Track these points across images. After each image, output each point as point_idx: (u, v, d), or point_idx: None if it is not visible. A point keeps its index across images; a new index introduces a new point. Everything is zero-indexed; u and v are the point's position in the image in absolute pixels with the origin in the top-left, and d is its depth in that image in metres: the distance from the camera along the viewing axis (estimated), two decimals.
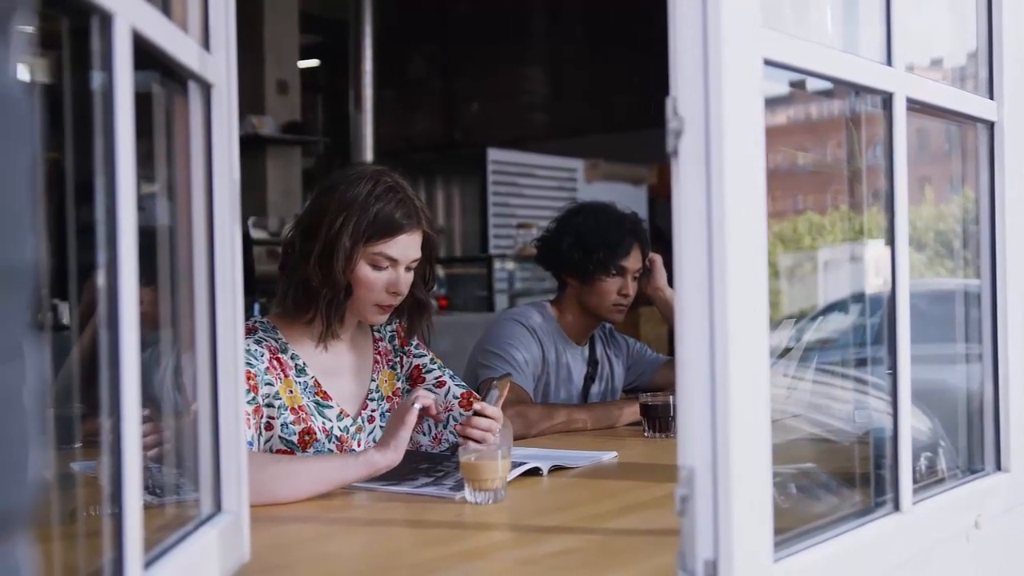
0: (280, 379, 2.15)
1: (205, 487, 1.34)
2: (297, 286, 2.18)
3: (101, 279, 0.99)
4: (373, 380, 2.32)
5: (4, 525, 0.57)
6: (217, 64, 1.33)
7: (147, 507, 1.05)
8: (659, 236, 3.24)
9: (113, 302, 0.98)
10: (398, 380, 2.36)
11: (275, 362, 2.16)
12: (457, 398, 2.32)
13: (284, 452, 2.14)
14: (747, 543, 1.16)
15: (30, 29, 0.64)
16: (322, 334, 2.21)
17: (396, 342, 2.39)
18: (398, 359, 2.38)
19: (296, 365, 2.20)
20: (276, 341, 2.20)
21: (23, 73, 0.62)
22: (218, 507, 1.35)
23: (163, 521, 1.31)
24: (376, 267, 2.17)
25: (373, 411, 2.30)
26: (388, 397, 2.33)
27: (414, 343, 2.41)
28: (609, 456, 2.33)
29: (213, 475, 1.35)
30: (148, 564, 1.07)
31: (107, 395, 0.99)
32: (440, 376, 2.37)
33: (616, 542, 1.63)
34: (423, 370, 2.37)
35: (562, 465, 2.19)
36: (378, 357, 2.35)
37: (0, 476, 0.57)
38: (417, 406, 1.96)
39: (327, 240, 2.13)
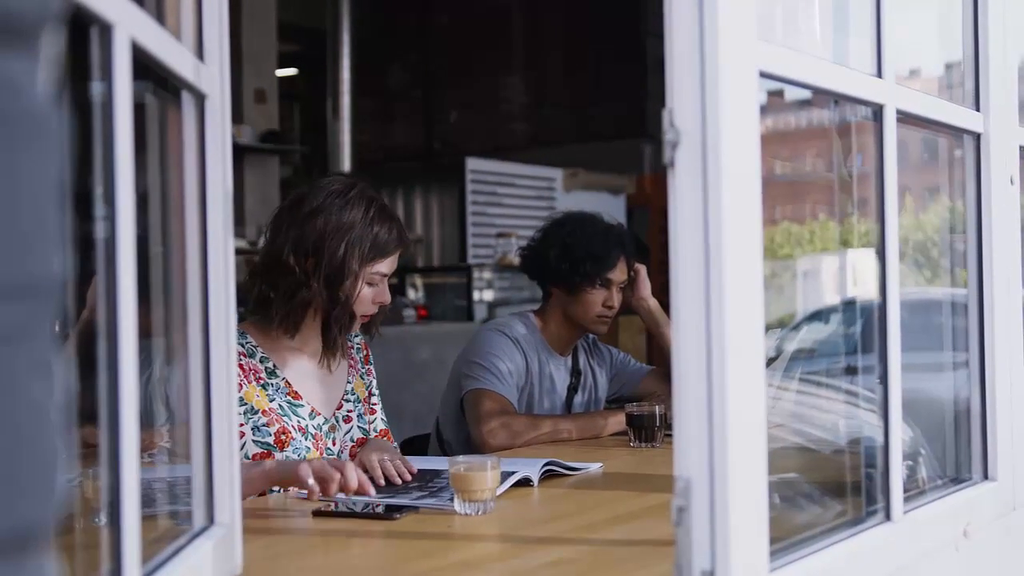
0: (245, 384, 2.21)
1: (198, 500, 1.33)
2: (298, 308, 2.24)
3: (100, 289, 0.98)
4: (349, 382, 2.41)
5: (34, 538, 0.57)
6: (211, 74, 1.32)
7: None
8: (639, 245, 3.24)
9: (112, 312, 0.97)
10: (366, 389, 2.47)
11: (238, 368, 2.20)
12: (377, 432, 2.44)
13: (261, 455, 2.18)
14: (744, 553, 1.16)
15: (57, 45, 0.64)
16: (326, 353, 2.31)
17: (361, 355, 2.49)
18: (365, 370, 2.49)
19: (266, 368, 2.26)
20: (243, 346, 2.25)
21: (50, 87, 0.62)
22: (211, 520, 1.34)
23: (156, 534, 1.30)
24: (371, 284, 2.28)
25: (349, 411, 2.39)
26: (364, 400, 2.44)
27: (371, 363, 2.52)
28: (595, 467, 2.33)
29: (206, 487, 1.34)
30: None
31: (105, 407, 0.98)
32: (375, 404, 2.50)
33: (609, 552, 1.63)
34: (371, 391, 2.50)
35: (553, 469, 2.20)
36: (352, 362, 2.45)
37: (30, 490, 0.57)
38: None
39: (333, 265, 2.21)
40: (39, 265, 0.57)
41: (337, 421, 2.35)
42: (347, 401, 2.39)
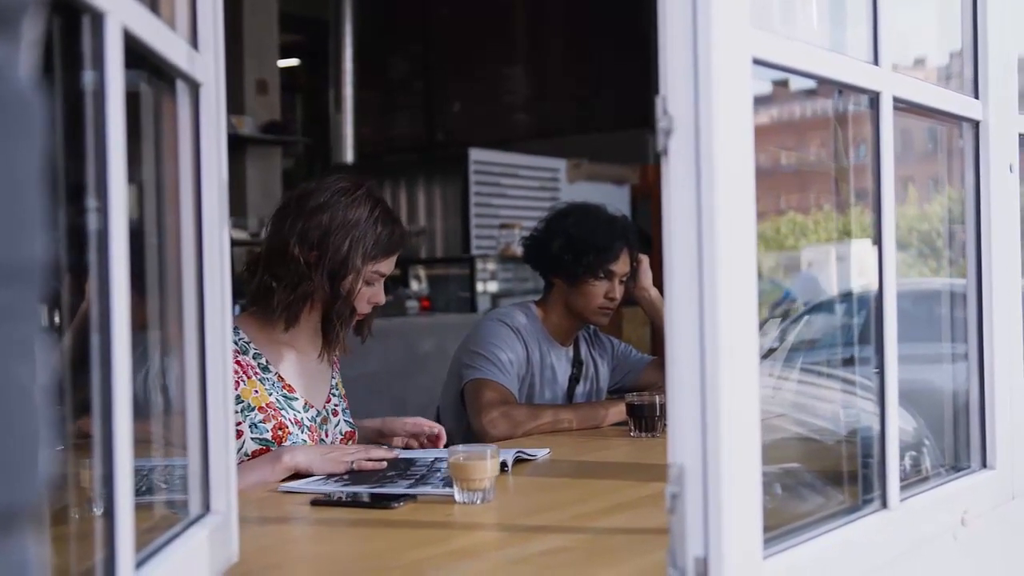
0: (244, 380, 2.22)
1: (194, 488, 1.34)
2: (300, 299, 2.25)
3: (92, 281, 0.98)
4: (334, 378, 2.45)
5: (15, 520, 0.58)
6: (206, 63, 1.32)
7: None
8: (642, 236, 3.24)
9: (104, 303, 0.97)
10: (343, 387, 2.50)
11: (235, 365, 2.21)
12: (342, 435, 2.42)
13: (260, 452, 2.19)
14: (737, 540, 1.16)
15: (39, 29, 0.64)
16: (327, 349, 2.34)
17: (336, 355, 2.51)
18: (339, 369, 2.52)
19: (259, 363, 2.27)
20: (236, 343, 2.25)
21: (32, 72, 0.62)
22: (207, 508, 1.35)
23: (151, 522, 1.31)
24: (368, 283, 2.30)
25: (336, 405, 2.42)
26: (344, 396, 2.47)
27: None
28: (543, 453, 2.36)
29: (202, 476, 1.34)
30: (138, 565, 1.07)
31: (98, 397, 0.98)
32: (344, 405, 2.48)
33: (605, 541, 1.63)
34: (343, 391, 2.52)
35: (522, 458, 2.26)
36: (335, 360, 2.47)
37: (13, 472, 0.57)
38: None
39: (336, 259, 2.24)
40: (22, 249, 0.58)
41: (327, 413, 2.38)
42: (334, 395, 2.43)
